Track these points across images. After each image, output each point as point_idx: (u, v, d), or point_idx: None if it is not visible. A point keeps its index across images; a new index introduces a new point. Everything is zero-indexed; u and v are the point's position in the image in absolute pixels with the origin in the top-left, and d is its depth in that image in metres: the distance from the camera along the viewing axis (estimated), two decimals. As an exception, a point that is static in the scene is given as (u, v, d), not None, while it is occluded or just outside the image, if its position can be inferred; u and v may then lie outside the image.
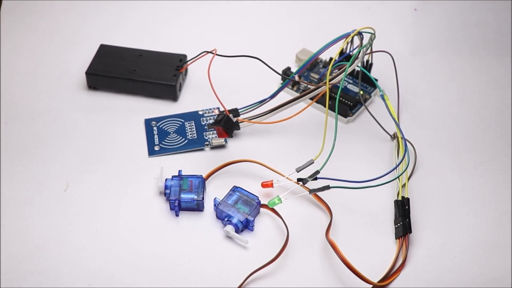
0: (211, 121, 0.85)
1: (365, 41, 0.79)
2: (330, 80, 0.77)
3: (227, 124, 0.79)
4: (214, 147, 0.83)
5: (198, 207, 0.74)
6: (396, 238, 0.73)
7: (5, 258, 0.69)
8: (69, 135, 0.83)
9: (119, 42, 0.93)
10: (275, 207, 0.73)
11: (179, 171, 0.77)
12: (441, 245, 0.73)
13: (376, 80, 0.89)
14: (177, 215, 0.74)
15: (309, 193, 0.73)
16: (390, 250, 0.72)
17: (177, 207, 0.74)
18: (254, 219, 0.73)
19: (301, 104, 0.81)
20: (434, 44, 1.00)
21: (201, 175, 0.76)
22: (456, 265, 0.71)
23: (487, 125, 0.88)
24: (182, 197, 0.74)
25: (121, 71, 0.88)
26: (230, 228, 0.71)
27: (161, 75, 0.88)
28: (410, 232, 0.72)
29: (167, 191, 0.74)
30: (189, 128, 0.84)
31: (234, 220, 0.72)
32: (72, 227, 0.72)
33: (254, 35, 1.01)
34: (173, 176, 0.76)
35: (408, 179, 0.79)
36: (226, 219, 0.73)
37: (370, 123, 0.85)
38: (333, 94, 0.86)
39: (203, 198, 0.74)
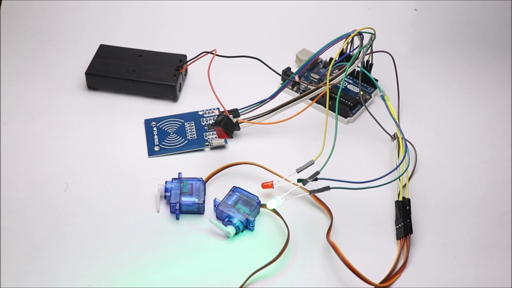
0: (211, 122, 0.85)
1: (365, 41, 0.79)
2: (330, 81, 0.77)
3: (227, 124, 0.79)
4: (214, 148, 0.82)
5: (198, 210, 0.74)
6: (397, 239, 0.73)
7: (5, 258, 0.69)
8: (68, 136, 0.83)
9: (118, 42, 0.93)
10: (275, 207, 0.73)
11: (179, 173, 0.76)
12: (442, 245, 0.73)
13: (376, 80, 0.89)
14: (177, 218, 0.74)
15: (309, 194, 0.73)
16: (391, 251, 0.72)
17: (178, 210, 0.73)
18: (254, 219, 0.72)
19: (301, 105, 0.80)
20: (434, 44, 1.00)
21: (201, 178, 0.76)
22: (457, 266, 0.71)
23: (487, 125, 0.88)
24: (183, 201, 0.73)
25: (120, 71, 0.88)
26: (230, 229, 0.71)
27: (161, 76, 0.87)
28: (411, 232, 0.72)
29: (167, 193, 0.74)
30: (189, 129, 0.84)
31: (235, 221, 0.72)
32: (71, 228, 0.72)
33: (254, 35, 1.01)
34: (173, 179, 0.75)
35: (409, 179, 0.78)
36: (226, 219, 0.72)
37: (371, 123, 0.85)
38: (333, 95, 0.86)
39: (203, 201, 0.74)
